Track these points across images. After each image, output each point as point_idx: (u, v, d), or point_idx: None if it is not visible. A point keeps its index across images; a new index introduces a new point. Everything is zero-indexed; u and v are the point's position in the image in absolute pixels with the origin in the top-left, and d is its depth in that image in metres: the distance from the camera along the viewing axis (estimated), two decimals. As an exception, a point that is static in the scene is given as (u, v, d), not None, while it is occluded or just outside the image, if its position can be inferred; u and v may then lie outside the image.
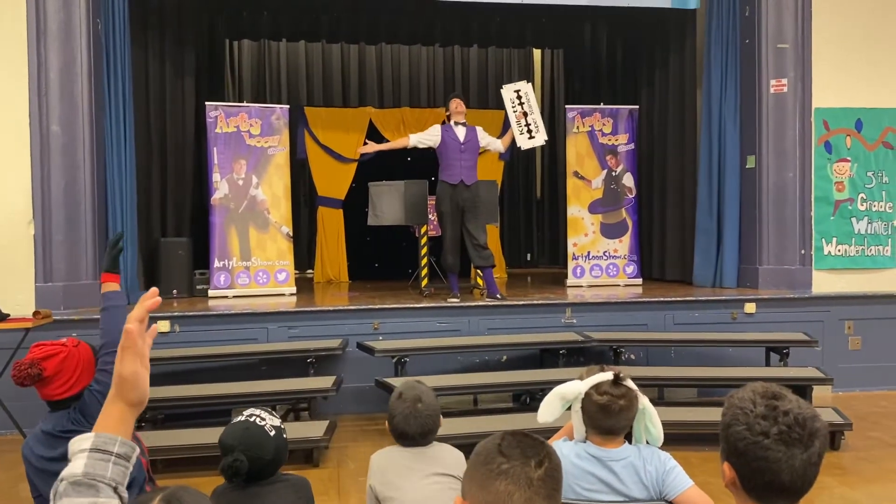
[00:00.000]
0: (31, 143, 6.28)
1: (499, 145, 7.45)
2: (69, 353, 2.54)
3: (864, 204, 7.29)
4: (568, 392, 2.16)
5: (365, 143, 7.20)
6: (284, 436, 2.38)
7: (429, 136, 7.20)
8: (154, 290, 1.38)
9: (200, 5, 8.49)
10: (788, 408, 1.43)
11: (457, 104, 7.21)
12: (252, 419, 2.35)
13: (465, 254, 7.29)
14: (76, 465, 1.23)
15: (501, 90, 7.43)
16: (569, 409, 2.21)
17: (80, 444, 1.25)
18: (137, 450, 1.31)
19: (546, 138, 7.44)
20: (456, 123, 7.16)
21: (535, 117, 7.19)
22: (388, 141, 7.51)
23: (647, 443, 2.25)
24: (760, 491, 1.44)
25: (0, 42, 6.26)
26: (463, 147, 7.11)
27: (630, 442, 2.26)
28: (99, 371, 2.56)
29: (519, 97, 7.18)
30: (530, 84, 7.38)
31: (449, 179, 7.10)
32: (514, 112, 7.19)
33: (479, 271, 7.75)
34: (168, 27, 8.23)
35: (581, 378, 2.20)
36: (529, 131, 7.13)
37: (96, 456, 1.23)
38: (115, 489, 1.23)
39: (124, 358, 1.30)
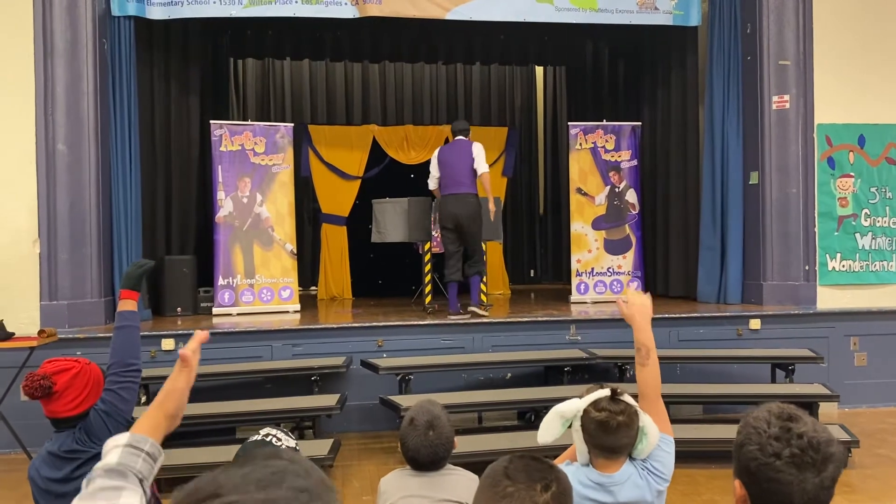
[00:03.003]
0: (37, 161, 6.31)
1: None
2: (81, 369, 2.53)
3: (868, 219, 7.29)
4: (567, 410, 2.14)
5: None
6: None
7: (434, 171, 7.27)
8: (205, 331, 1.60)
9: (205, 24, 8.54)
10: (803, 430, 1.42)
11: None
12: (268, 438, 2.30)
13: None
14: (111, 457, 1.36)
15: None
16: (570, 427, 2.19)
17: (115, 441, 1.39)
18: (163, 455, 1.43)
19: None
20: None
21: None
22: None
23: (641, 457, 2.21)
24: (772, 511, 1.43)
25: (7, 61, 6.32)
26: None
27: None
28: (106, 391, 2.54)
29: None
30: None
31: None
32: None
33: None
34: (173, 46, 8.28)
35: (581, 397, 2.19)
36: None
37: (129, 450, 1.37)
38: (141, 482, 1.34)
39: (181, 375, 1.51)
